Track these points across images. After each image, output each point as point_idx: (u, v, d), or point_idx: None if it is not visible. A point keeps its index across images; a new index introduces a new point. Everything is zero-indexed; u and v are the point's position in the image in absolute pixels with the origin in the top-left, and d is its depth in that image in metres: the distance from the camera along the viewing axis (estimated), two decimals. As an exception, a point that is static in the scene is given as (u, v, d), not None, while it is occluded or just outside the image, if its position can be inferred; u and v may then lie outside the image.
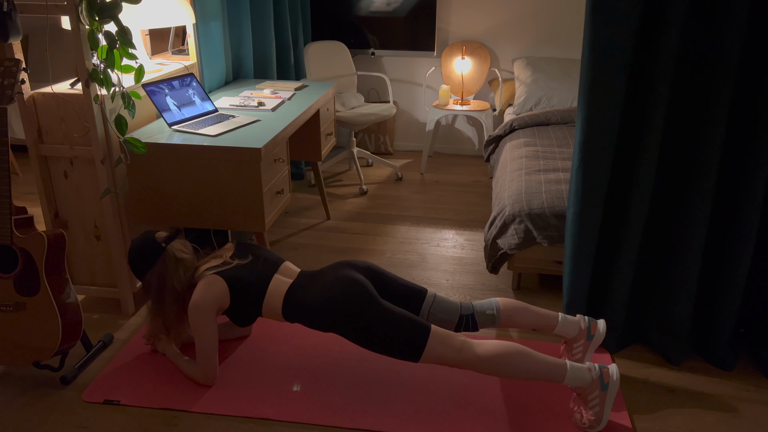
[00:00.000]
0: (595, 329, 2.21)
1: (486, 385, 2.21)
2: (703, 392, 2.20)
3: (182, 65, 2.98)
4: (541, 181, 2.85)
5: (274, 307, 2.13)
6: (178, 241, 2.21)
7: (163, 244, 2.17)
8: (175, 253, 2.16)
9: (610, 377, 1.94)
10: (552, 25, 4.49)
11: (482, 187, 4.24)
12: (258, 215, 2.48)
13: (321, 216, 3.72)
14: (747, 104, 2.07)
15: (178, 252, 2.17)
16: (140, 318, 2.61)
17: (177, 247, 2.19)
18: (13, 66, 2.05)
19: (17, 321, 2.09)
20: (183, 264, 2.16)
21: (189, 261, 2.19)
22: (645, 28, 2.05)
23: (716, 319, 2.30)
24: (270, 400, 2.12)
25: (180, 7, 2.73)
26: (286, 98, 3.11)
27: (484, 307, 2.20)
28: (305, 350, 2.40)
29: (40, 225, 2.38)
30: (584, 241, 2.28)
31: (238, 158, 2.39)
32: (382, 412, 2.08)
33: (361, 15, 4.53)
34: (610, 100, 2.10)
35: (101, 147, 2.37)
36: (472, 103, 4.43)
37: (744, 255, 2.18)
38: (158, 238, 2.18)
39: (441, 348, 1.96)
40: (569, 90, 4.14)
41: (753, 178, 2.10)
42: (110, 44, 2.26)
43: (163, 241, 2.18)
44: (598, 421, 1.96)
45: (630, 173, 2.21)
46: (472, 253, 3.25)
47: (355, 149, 4.23)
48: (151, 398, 2.13)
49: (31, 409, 2.09)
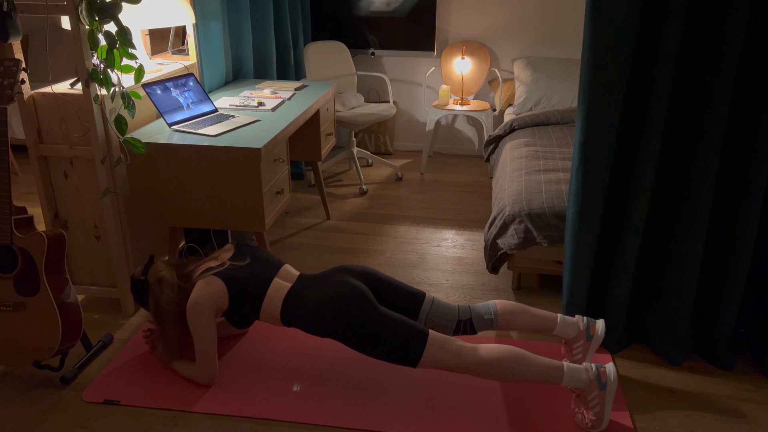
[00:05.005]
0: (594, 330, 2.21)
1: (486, 385, 2.21)
2: (703, 392, 2.20)
3: (182, 65, 2.98)
4: (541, 181, 2.85)
5: (272, 311, 2.13)
6: (153, 267, 2.25)
7: (142, 278, 2.23)
8: (155, 277, 2.20)
9: (607, 377, 1.94)
10: (552, 25, 4.49)
11: (482, 187, 4.24)
12: (258, 215, 2.48)
13: (321, 216, 3.72)
14: (748, 104, 2.07)
15: (156, 274, 2.20)
16: (140, 318, 2.61)
17: (153, 271, 2.22)
18: (13, 66, 2.05)
19: (17, 321, 2.09)
20: (165, 282, 2.17)
21: (167, 276, 2.19)
22: (645, 27, 2.05)
23: (716, 319, 2.30)
24: (270, 400, 2.12)
25: (180, 7, 2.73)
26: (286, 98, 3.11)
27: (482, 312, 2.20)
28: (305, 350, 2.40)
29: (40, 225, 2.38)
30: (584, 241, 2.28)
31: (238, 158, 2.39)
32: (382, 412, 2.08)
33: (361, 15, 4.53)
34: (610, 100, 2.10)
35: (101, 147, 2.37)
36: (472, 103, 4.43)
37: (744, 255, 2.18)
38: (136, 276, 2.26)
39: (439, 353, 1.96)
40: (569, 90, 4.14)
41: (753, 178, 2.10)
42: (110, 44, 2.26)
43: (141, 274, 2.24)
44: (600, 421, 1.96)
45: (630, 173, 2.21)
46: (472, 253, 3.25)
47: (355, 149, 4.23)
48: (151, 398, 2.13)
49: (31, 409, 2.09)
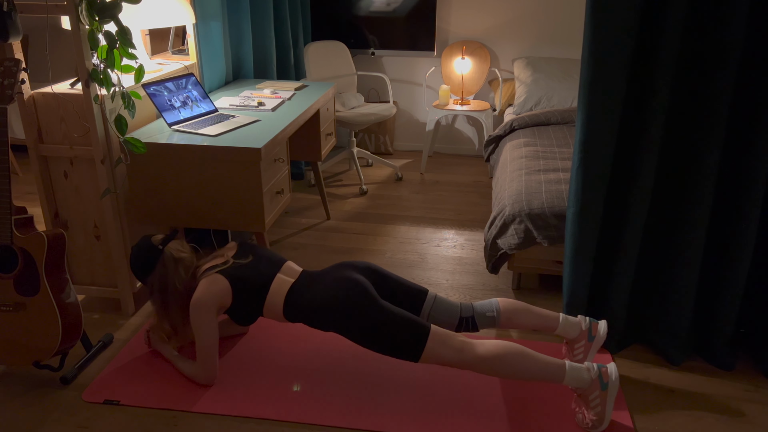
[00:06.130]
0: (596, 330, 2.21)
1: (487, 384, 2.21)
2: (703, 392, 2.20)
3: (182, 65, 2.98)
4: (541, 181, 2.85)
5: (275, 307, 2.14)
6: (175, 242, 2.23)
7: (160, 247, 2.18)
8: (173, 254, 2.18)
9: (609, 377, 1.94)
10: (552, 25, 4.49)
11: (482, 187, 4.23)
12: (258, 215, 2.48)
13: (321, 216, 3.72)
14: (748, 104, 2.07)
15: (176, 252, 2.19)
16: (140, 318, 2.61)
17: (174, 247, 2.20)
18: (13, 66, 2.05)
19: (17, 321, 2.09)
20: (182, 263, 2.17)
21: (188, 260, 2.20)
22: (645, 27, 2.05)
23: (716, 319, 2.30)
24: (270, 400, 2.12)
25: (180, 7, 2.73)
26: (286, 98, 3.11)
27: (485, 309, 2.20)
28: (305, 350, 2.40)
29: (40, 225, 2.38)
30: (584, 241, 2.28)
31: (238, 158, 2.39)
32: (382, 412, 2.08)
33: (361, 15, 4.53)
34: (610, 100, 2.10)
35: (101, 147, 2.37)
36: (472, 103, 4.43)
37: (744, 255, 2.18)
38: (155, 242, 2.20)
39: (440, 348, 1.96)
40: (569, 90, 4.14)
41: (753, 178, 2.10)
42: (110, 44, 2.26)
43: (160, 243, 2.19)
44: (600, 421, 1.96)
45: (630, 173, 2.21)
46: (472, 253, 3.25)
47: (355, 149, 4.23)
48: (151, 398, 2.13)
49: (31, 409, 2.09)
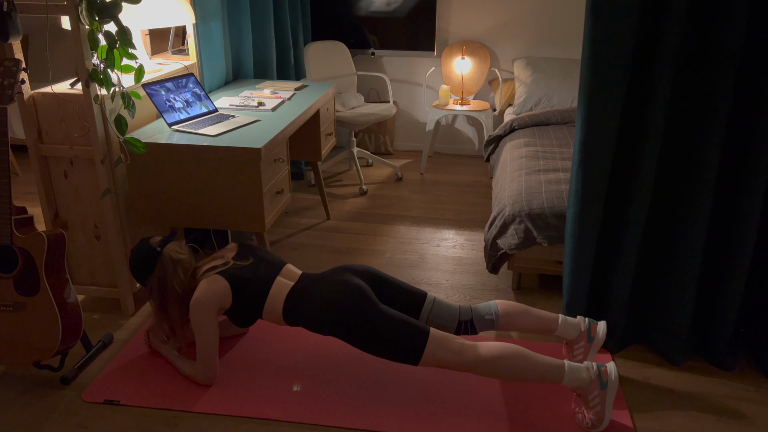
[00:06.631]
0: (596, 331, 2.21)
1: (487, 384, 2.21)
2: (703, 392, 2.20)
3: (182, 65, 2.98)
4: (541, 181, 2.85)
5: (275, 310, 2.14)
6: (173, 243, 2.23)
7: (158, 248, 2.19)
8: (172, 255, 2.18)
9: (608, 376, 1.94)
10: (552, 25, 4.49)
11: (482, 187, 4.23)
12: (258, 215, 2.48)
13: (321, 216, 3.72)
14: (748, 103, 2.07)
15: (175, 253, 2.19)
16: (140, 318, 2.61)
17: (173, 248, 2.21)
18: (13, 66, 2.05)
19: (17, 321, 2.09)
20: (181, 265, 2.17)
21: (186, 261, 2.20)
22: (645, 27, 2.05)
23: (716, 319, 2.30)
24: (270, 400, 2.12)
25: (180, 7, 2.73)
26: (286, 98, 3.11)
27: (483, 312, 2.20)
28: (305, 350, 2.40)
29: (40, 225, 2.38)
30: (584, 241, 2.28)
31: (238, 158, 2.39)
32: (382, 412, 2.08)
33: (361, 15, 4.53)
34: (610, 100, 2.10)
35: (101, 147, 2.37)
36: (472, 103, 4.43)
37: (744, 255, 2.18)
38: (153, 243, 2.21)
39: (440, 351, 1.97)
40: (569, 90, 4.14)
41: (753, 178, 2.10)
42: (110, 44, 2.26)
43: (158, 245, 2.20)
44: (600, 421, 1.96)
45: (630, 173, 2.21)
46: (472, 253, 3.25)
47: (355, 149, 4.23)
48: (151, 398, 2.13)
49: (31, 409, 2.09)
